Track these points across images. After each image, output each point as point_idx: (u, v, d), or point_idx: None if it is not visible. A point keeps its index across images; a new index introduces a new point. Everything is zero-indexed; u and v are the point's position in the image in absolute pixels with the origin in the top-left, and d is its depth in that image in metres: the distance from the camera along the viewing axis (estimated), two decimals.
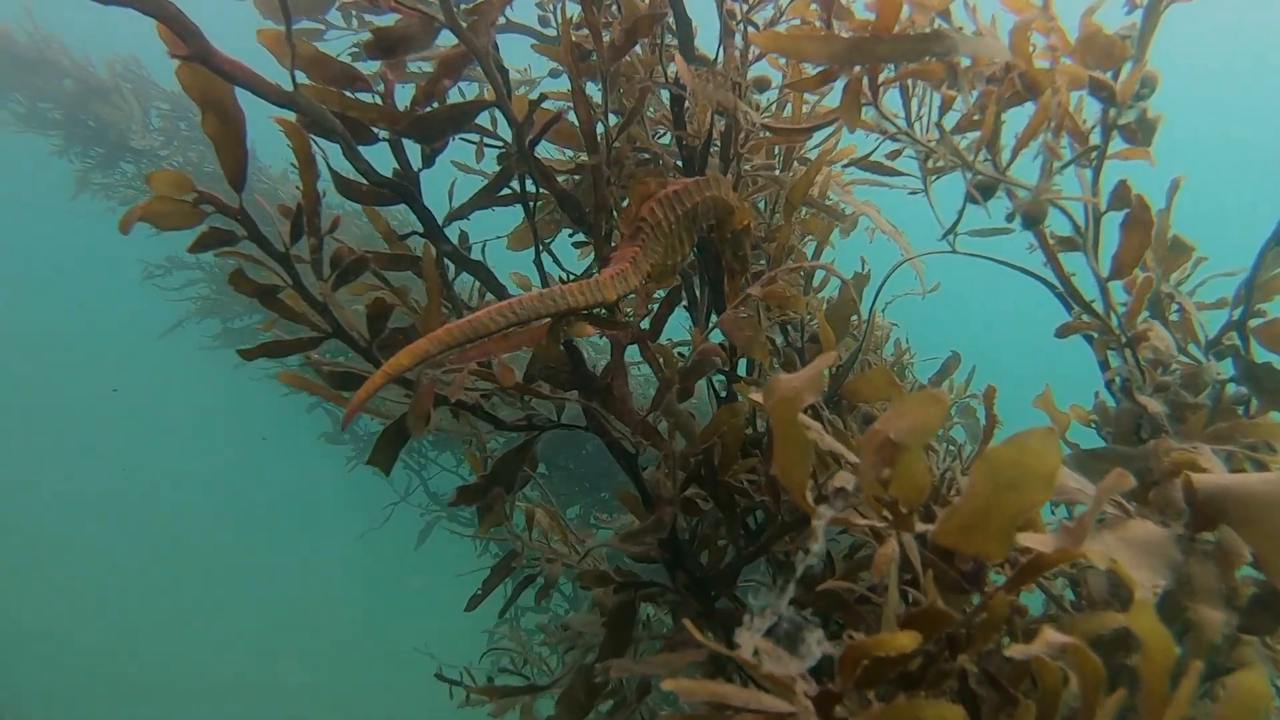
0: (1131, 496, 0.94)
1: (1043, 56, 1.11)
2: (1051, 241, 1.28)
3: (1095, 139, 1.20)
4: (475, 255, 1.61)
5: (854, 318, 1.66)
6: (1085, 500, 0.98)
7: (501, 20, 2.09)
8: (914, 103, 1.22)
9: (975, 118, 1.18)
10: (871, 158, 1.60)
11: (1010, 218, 1.19)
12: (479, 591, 2.08)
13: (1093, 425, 1.38)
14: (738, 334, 1.38)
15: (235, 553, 17.69)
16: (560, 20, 1.42)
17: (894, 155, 1.50)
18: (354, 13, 2.30)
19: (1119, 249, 1.23)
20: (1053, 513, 1.55)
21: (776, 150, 1.74)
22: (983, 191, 1.14)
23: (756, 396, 0.89)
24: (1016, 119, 1.17)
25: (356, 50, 2.08)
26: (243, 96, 1.21)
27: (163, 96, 7.40)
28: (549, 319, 1.33)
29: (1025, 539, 0.83)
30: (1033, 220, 1.15)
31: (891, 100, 1.28)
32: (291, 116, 1.26)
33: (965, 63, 1.07)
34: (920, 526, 0.82)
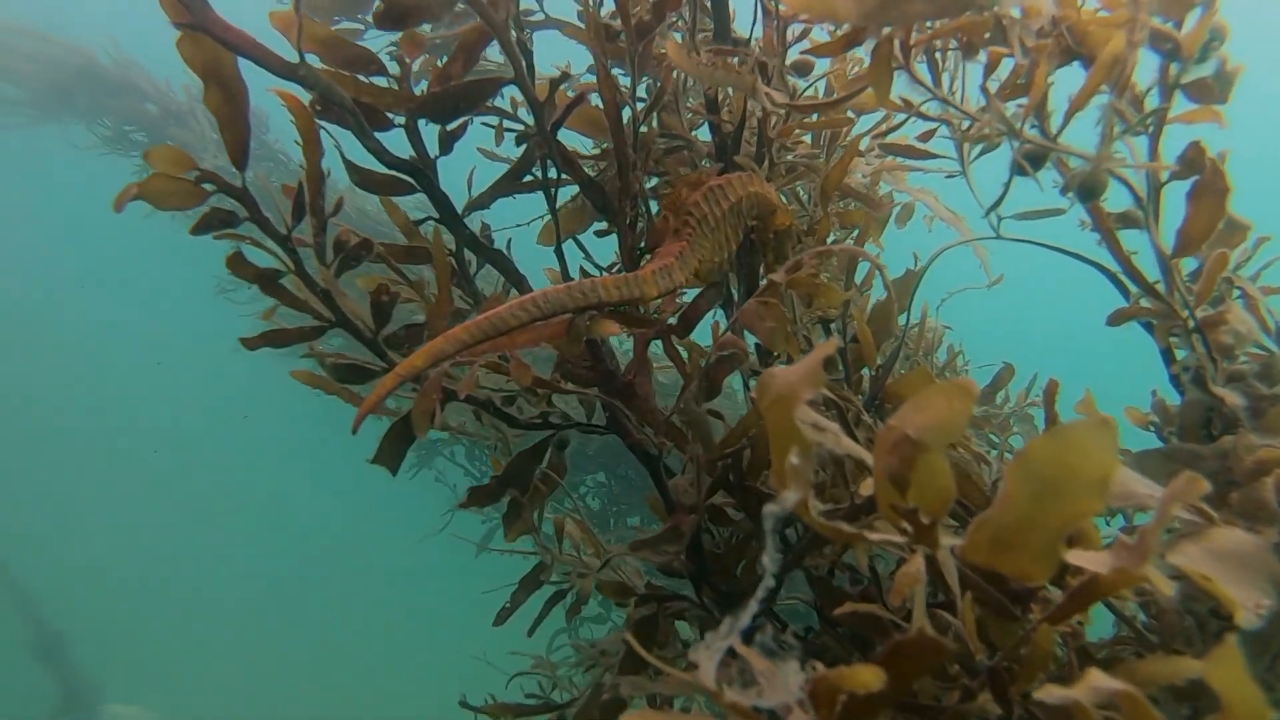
0: (1209, 501, 0.80)
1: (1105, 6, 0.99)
2: (1108, 218, 1.14)
3: (1147, 102, 1.07)
4: (502, 250, 1.54)
5: (901, 318, 1.54)
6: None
7: (540, 15, 2.04)
8: (945, 74, 1.10)
9: (1020, 81, 1.06)
10: (906, 138, 1.48)
11: (1065, 191, 1.06)
12: (507, 605, 2.00)
13: (1152, 429, 1.23)
14: (758, 325, 1.27)
15: (287, 556, 18.11)
16: None
17: (927, 136, 1.37)
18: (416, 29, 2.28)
19: (1186, 222, 1.08)
20: (1108, 524, 1.40)
21: (823, 139, 1.63)
22: (1031, 162, 1.02)
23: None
24: (1062, 83, 1.05)
25: (394, 49, 2.05)
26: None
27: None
28: (575, 314, 1.24)
29: (1075, 557, 0.71)
30: (1091, 192, 1.02)
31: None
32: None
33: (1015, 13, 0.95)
34: (948, 540, 0.70)
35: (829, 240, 1.55)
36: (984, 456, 1.50)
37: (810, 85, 1.53)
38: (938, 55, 1.09)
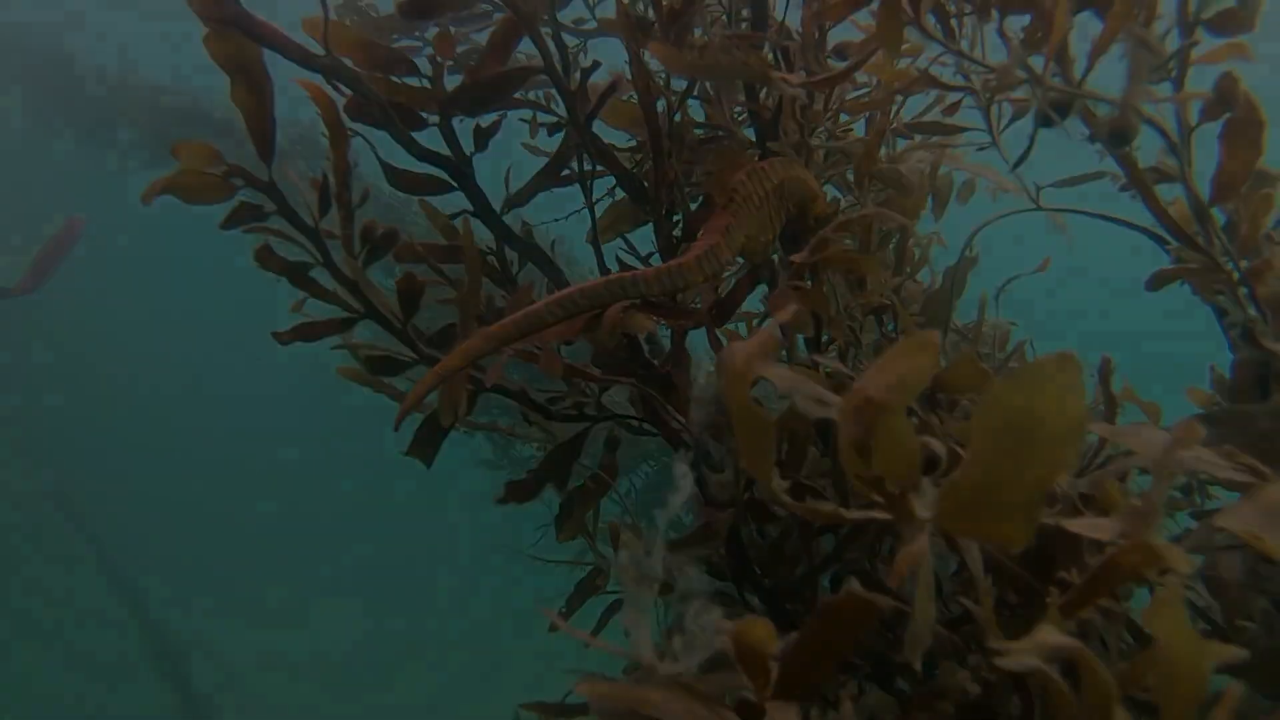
0: (1267, 462, 0.71)
1: None
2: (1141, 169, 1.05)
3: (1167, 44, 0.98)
4: (539, 245, 1.53)
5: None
6: (1212, 470, 0.76)
7: (592, 23, 2.04)
8: (963, 41, 1.04)
9: (1037, 36, 0.98)
10: (941, 120, 1.41)
11: (1094, 139, 0.98)
12: (562, 610, 1.97)
13: (1217, 408, 1.13)
14: (786, 311, 1.21)
15: (379, 569, 18.43)
16: None
17: (952, 110, 1.30)
18: (451, 28, 2.32)
19: (1223, 163, 0.98)
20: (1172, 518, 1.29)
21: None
22: (1058, 112, 0.94)
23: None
24: (1080, 37, 0.97)
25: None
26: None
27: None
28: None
29: (1075, 525, 0.64)
30: (1122, 137, 0.94)
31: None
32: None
33: None
34: (925, 511, 0.64)
35: (875, 230, 1.48)
36: None
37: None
38: (953, 22, 1.03)
